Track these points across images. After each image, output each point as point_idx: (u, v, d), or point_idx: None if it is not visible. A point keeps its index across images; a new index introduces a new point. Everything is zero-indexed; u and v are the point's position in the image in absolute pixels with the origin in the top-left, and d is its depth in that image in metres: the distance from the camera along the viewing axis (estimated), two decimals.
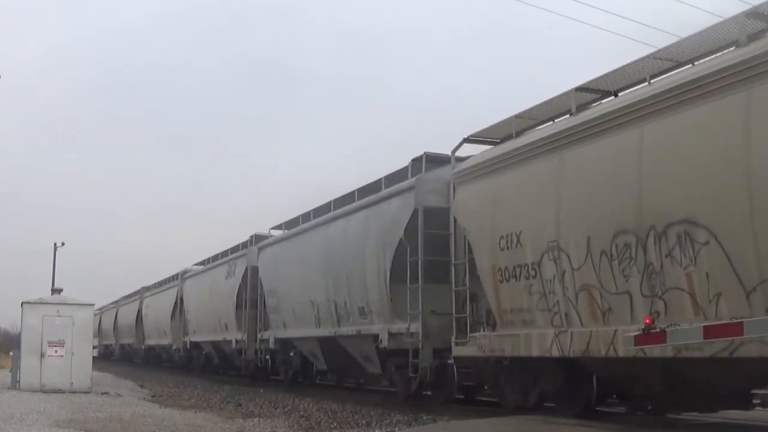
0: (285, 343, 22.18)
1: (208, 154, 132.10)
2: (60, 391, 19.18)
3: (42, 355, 19.89)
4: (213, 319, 28.62)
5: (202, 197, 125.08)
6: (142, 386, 24.77)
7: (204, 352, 31.95)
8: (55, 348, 20.00)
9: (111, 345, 56.65)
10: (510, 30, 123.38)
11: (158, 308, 39.65)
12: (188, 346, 33.07)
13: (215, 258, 30.83)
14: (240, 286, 25.37)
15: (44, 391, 19.14)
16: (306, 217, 20.82)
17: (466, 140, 13.54)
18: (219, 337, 28.02)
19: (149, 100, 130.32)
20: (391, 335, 15.42)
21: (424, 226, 14.22)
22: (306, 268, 19.76)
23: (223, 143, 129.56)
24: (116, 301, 54.52)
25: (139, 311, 44.46)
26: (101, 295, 65.01)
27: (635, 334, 9.06)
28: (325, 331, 18.74)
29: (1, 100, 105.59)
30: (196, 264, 34.62)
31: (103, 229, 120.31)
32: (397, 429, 11.81)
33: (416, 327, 14.28)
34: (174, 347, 35.70)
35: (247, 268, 24.86)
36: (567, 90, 11.26)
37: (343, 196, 18.80)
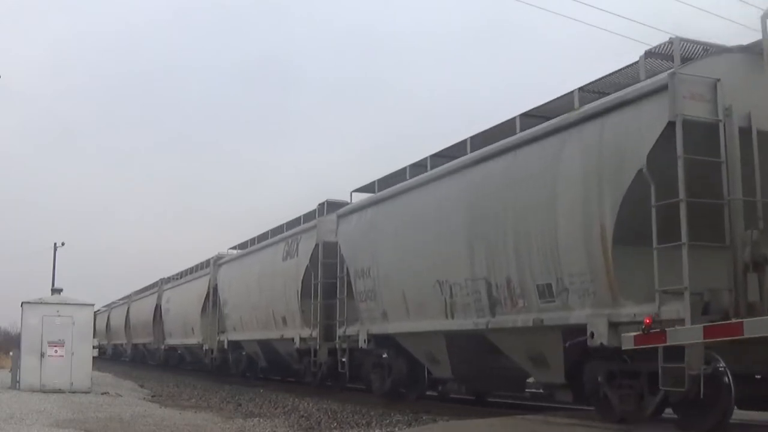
0: (384, 342, 16.21)
1: (208, 154, 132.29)
2: (60, 391, 19.18)
3: (42, 355, 19.90)
4: (263, 313, 23.23)
5: (202, 197, 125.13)
6: (142, 386, 24.76)
7: (244, 352, 26.34)
8: (55, 348, 20.01)
9: (122, 344, 50.93)
10: (510, 30, 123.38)
11: (183, 302, 33.79)
12: (225, 346, 27.18)
13: (263, 237, 25.00)
14: (307, 268, 19.88)
15: (44, 391, 19.14)
16: (417, 169, 15.37)
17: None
18: (272, 335, 22.52)
19: (149, 101, 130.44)
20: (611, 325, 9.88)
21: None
22: (430, 235, 13.96)
23: (223, 143, 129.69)
24: (128, 296, 49.31)
25: (158, 306, 38.92)
26: (101, 295, 65.10)
27: (635, 334, 9.05)
28: (465, 323, 12.93)
29: (1, 100, 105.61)
30: (233, 248, 28.77)
31: (103, 229, 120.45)
32: (397, 429, 11.82)
33: None
34: (205, 347, 29.66)
35: (317, 245, 19.27)
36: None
37: (485, 132, 13.57)
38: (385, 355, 16.29)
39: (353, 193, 18.35)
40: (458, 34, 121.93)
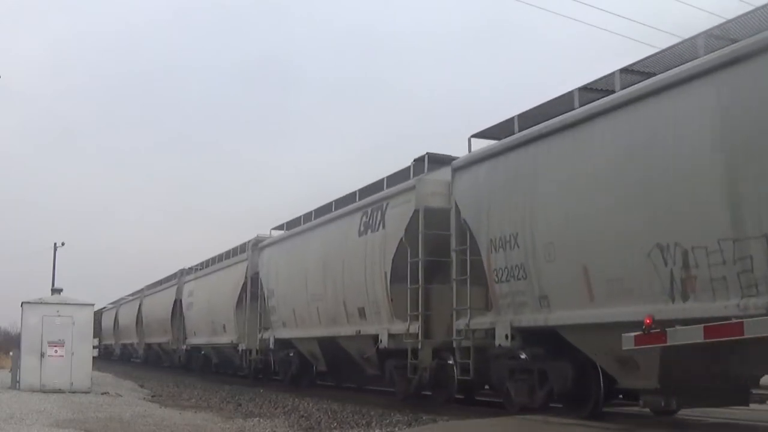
0: (533, 338, 11.77)
1: (208, 154, 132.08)
2: (60, 391, 19.18)
3: (42, 355, 19.90)
4: (328, 304, 18.21)
5: (202, 197, 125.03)
6: (142, 386, 24.76)
7: (292, 353, 21.60)
8: (55, 348, 20.01)
9: (133, 344, 46.48)
10: (510, 30, 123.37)
11: (211, 295, 28.88)
12: (271, 346, 22.24)
13: (324, 210, 19.75)
14: (400, 242, 15.05)
15: (44, 391, 19.15)
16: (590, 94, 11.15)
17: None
18: (342, 331, 17.58)
19: (149, 101, 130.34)
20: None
21: None
22: (656, 176, 9.29)
23: (223, 143, 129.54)
24: (140, 291, 45.01)
25: (177, 301, 34.40)
26: (101, 295, 65.00)
27: (635, 334, 9.06)
28: (712, 307, 8.61)
29: (1, 100, 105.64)
30: (278, 228, 23.39)
31: (103, 229, 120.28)
32: (397, 429, 11.82)
33: None
34: (241, 348, 25.05)
35: (416, 211, 14.62)
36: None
37: None
38: (524, 356, 12.09)
39: (472, 139, 13.72)
40: (458, 34, 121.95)
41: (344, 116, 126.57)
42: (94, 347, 21.17)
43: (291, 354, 21.54)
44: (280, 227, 23.07)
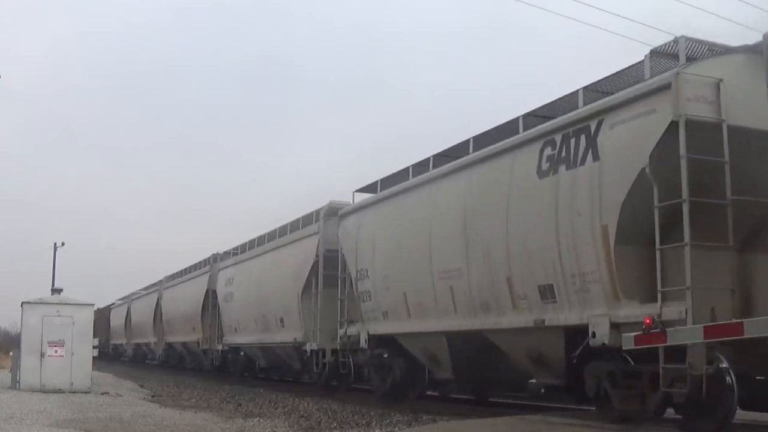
0: None
1: (208, 154, 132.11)
2: (60, 391, 19.17)
3: (42, 355, 19.89)
4: (482, 283, 12.54)
5: (202, 197, 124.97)
6: (142, 386, 24.75)
7: (389, 354, 16.51)
8: (55, 348, 20.00)
9: (148, 344, 41.31)
10: (510, 30, 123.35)
11: (257, 282, 23.34)
12: (362, 344, 16.77)
13: (461, 149, 14.07)
14: (641, 175, 9.45)
15: (44, 391, 19.14)
16: None
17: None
18: (506, 321, 11.99)
19: (149, 101, 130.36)
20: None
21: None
22: None
23: (223, 143, 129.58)
24: (157, 283, 39.48)
25: (209, 293, 28.68)
26: (101, 295, 64.99)
27: (635, 334, 9.05)
28: None
29: (1, 100, 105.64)
30: (362, 190, 17.75)
31: (103, 229, 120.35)
32: (397, 429, 11.81)
33: None
34: (311, 347, 19.47)
35: (675, 124, 9.05)
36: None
37: None
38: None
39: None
40: (458, 34, 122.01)
41: (344, 116, 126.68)
42: (93, 347, 21.11)
43: (388, 355, 16.41)
44: (368, 188, 17.43)
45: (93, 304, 22.51)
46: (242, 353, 26.12)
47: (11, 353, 23.74)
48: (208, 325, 28.98)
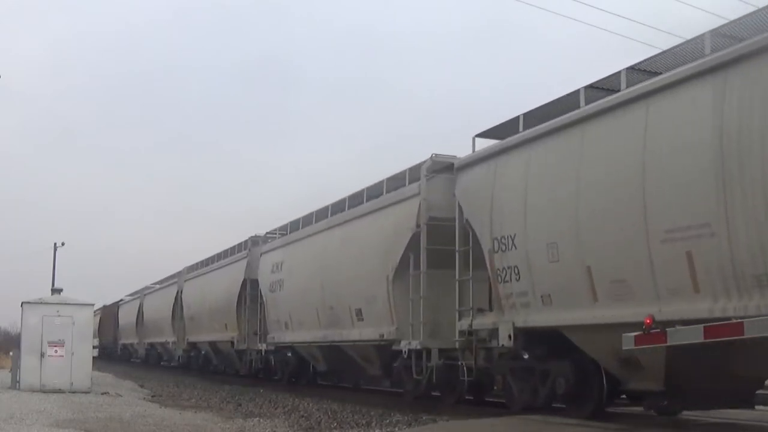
0: None
1: (208, 154, 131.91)
2: (60, 391, 19.16)
3: (42, 355, 19.88)
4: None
5: (202, 197, 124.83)
6: (142, 386, 24.74)
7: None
8: (55, 348, 20.00)
9: (164, 344, 36.50)
10: (510, 30, 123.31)
11: (324, 265, 18.41)
12: (512, 339, 11.96)
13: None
14: None
15: (44, 391, 19.13)
16: None
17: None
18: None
19: (149, 101, 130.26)
20: None
21: None
22: None
23: (223, 143, 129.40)
24: (175, 275, 34.93)
25: (245, 283, 24.00)
26: (101, 295, 64.87)
27: (635, 334, 9.05)
28: None
29: (1, 100, 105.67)
30: (483, 135, 13.69)
31: (103, 229, 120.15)
32: (397, 429, 11.81)
33: None
34: (407, 346, 14.71)
35: None
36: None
37: None
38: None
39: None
40: (458, 34, 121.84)
41: (344, 116, 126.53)
42: (93, 347, 21.11)
43: (547, 356, 11.81)
44: (501, 129, 13.03)
45: (93, 304, 22.53)
46: (290, 354, 21.65)
47: (11, 353, 23.74)
48: (246, 321, 23.71)
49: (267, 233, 24.30)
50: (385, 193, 16.34)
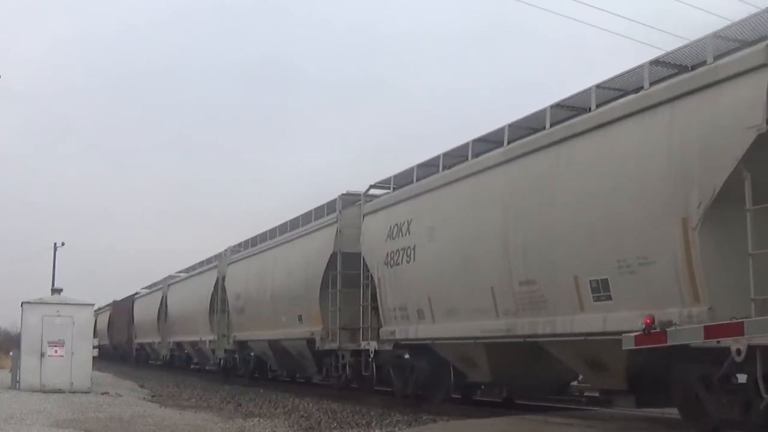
0: None
1: (208, 154, 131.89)
2: (60, 391, 19.18)
3: (42, 355, 19.90)
4: None
5: (202, 197, 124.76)
6: (142, 386, 24.75)
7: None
8: (55, 348, 20.01)
9: (194, 343, 30.10)
10: (510, 30, 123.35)
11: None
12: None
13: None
14: None
15: (44, 391, 19.14)
16: None
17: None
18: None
19: (149, 101, 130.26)
20: None
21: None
22: None
23: (223, 143, 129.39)
24: (216, 256, 28.11)
25: (334, 261, 17.48)
26: (101, 295, 64.83)
27: (635, 334, 9.04)
28: None
29: (1, 100, 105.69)
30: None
31: (103, 229, 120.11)
32: (397, 429, 11.81)
33: None
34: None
35: None
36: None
37: None
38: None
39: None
40: (458, 34, 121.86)
41: (344, 116, 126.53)
42: (93, 347, 21.12)
43: None
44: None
45: (93, 304, 22.54)
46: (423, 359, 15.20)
47: (11, 353, 23.74)
48: (337, 311, 17.38)
49: (371, 185, 17.10)
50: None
